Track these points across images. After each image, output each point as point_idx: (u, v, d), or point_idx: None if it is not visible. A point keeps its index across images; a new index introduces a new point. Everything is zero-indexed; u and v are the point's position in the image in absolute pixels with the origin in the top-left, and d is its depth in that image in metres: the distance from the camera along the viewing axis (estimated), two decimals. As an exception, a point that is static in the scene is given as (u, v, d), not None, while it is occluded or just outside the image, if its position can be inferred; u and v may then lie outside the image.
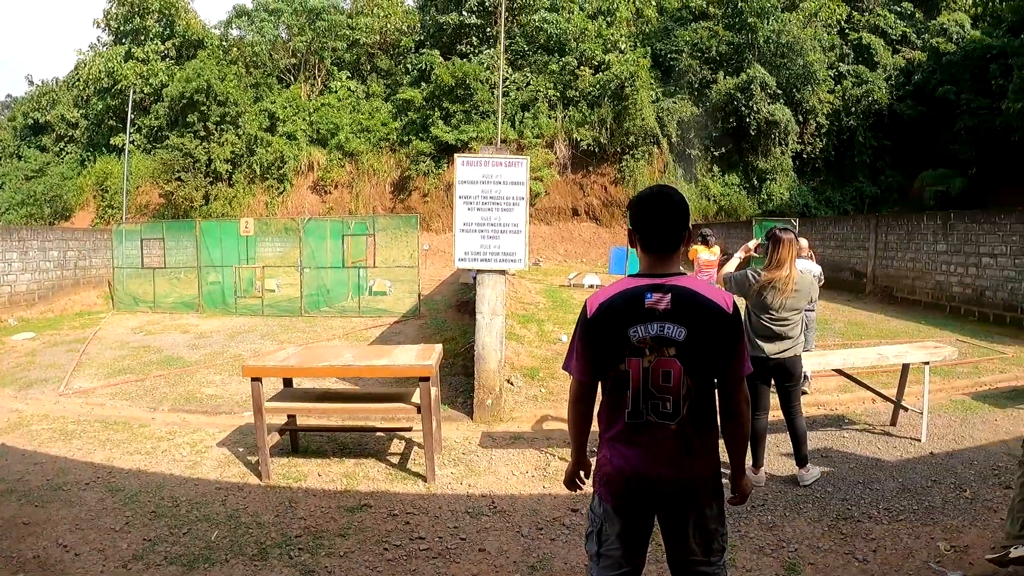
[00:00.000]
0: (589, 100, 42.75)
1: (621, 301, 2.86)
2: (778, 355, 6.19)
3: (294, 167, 43.07)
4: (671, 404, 2.82)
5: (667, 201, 2.94)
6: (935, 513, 5.94)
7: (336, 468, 6.79)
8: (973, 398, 10.10)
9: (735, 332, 2.88)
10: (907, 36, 48.81)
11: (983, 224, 19.19)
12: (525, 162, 8.36)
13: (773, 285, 6.05)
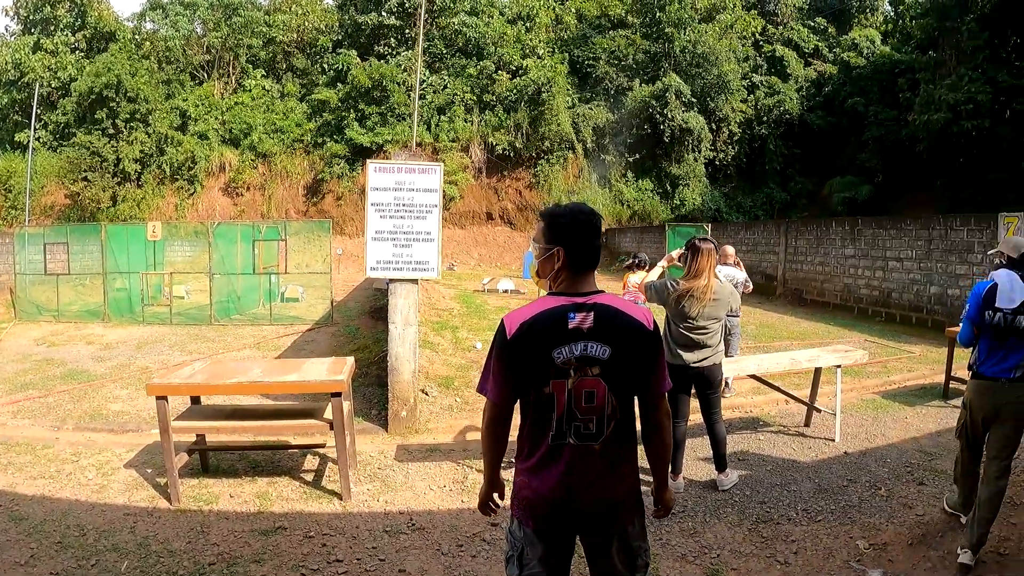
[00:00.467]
0: (506, 105, 42.75)
1: (544, 321, 2.78)
2: (697, 363, 6.23)
3: (205, 168, 41.73)
4: (595, 424, 2.78)
5: (591, 220, 2.91)
6: (852, 512, 6.04)
7: (249, 488, 6.51)
8: (883, 397, 10.43)
9: (656, 349, 2.87)
10: (819, 50, 50.51)
11: (890, 230, 20.05)
12: (439, 169, 8.26)
13: (691, 294, 6.07)
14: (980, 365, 5.30)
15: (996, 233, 16.24)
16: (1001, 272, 5.37)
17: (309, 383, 6.23)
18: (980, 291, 5.33)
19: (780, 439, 8.13)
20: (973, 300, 5.38)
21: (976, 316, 5.32)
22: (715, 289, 6.12)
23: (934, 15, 39.88)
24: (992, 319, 5.19)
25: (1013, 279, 5.25)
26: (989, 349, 5.24)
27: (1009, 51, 38.06)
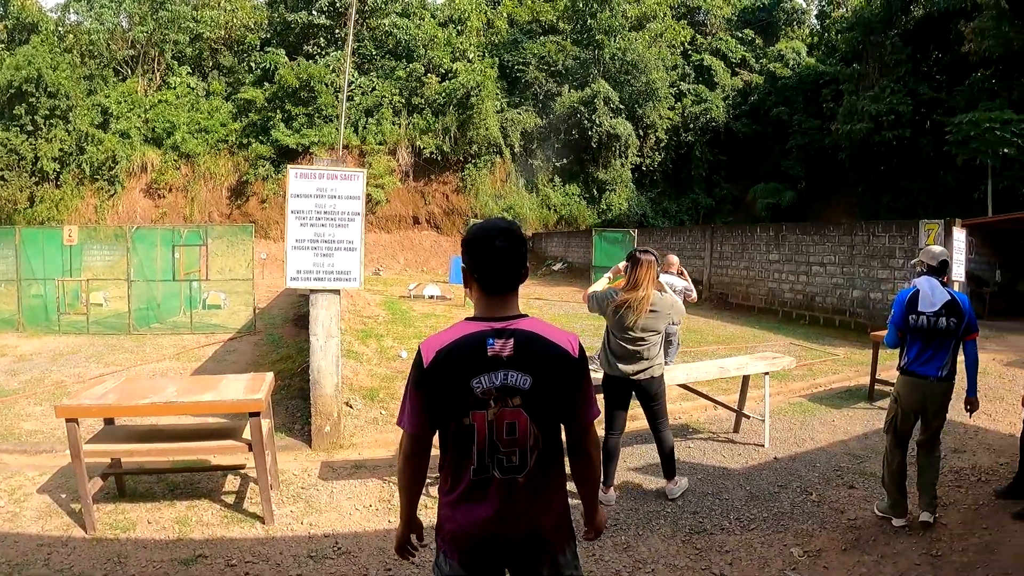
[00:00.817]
0: (434, 108, 42.39)
1: (461, 349, 2.61)
2: (637, 375, 6.21)
3: (126, 168, 39.79)
4: (518, 457, 2.62)
5: (508, 237, 2.67)
6: (785, 519, 6.05)
7: (168, 513, 6.09)
8: (810, 400, 10.57)
9: (581, 376, 2.70)
10: (746, 60, 51.70)
11: (813, 235, 20.49)
12: (362, 175, 7.99)
13: (629, 305, 6.03)
14: (911, 364, 5.84)
15: (917, 239, 16.78)
16: (922, 279, 5.94)
17: (225, 402, 5.90)
18: (903, 298, 5.90)
19: (710, 446, 8.14)
20: (897, 306, 5.92)
21: (901, 321, 5.87)
22: (654, 301, 6.11)
23: (859, 29, 40.92)
24: (916, 322, 5.76)
25: (933, 285, 5.83)
26: (919, 350, 5.79)
27: (930, 65, 39.22)
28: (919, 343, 5.78)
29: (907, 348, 5.89)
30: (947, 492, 6.68)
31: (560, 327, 2.78)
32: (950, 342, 5.77)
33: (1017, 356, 14.16)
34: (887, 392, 10.01)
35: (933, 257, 6.00)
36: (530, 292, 26.70)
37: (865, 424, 9.23)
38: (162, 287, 18.94)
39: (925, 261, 6.07)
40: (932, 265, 5.97)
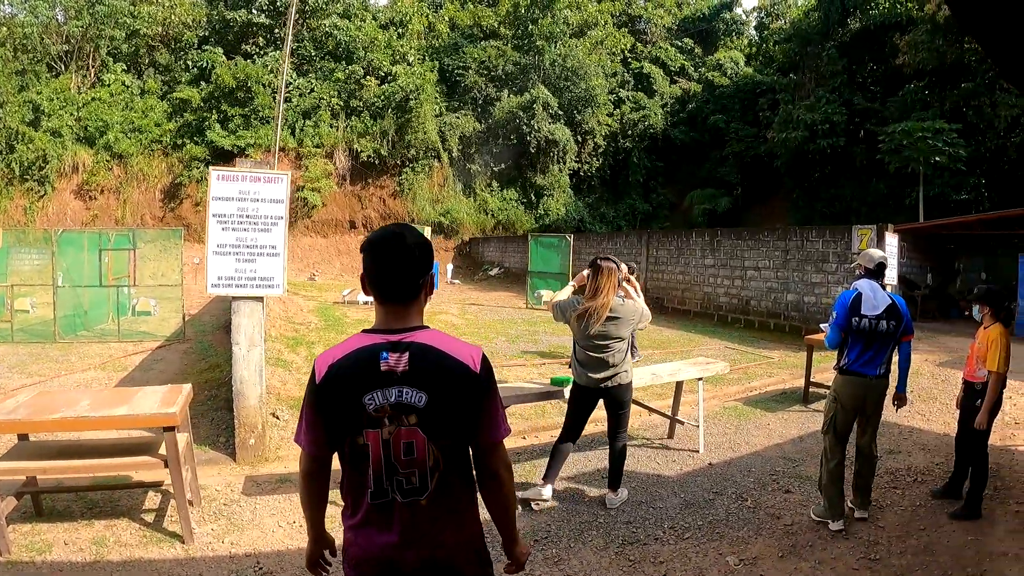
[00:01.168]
0: (372, 111, 42.03)
1: (353, 364, 2.45)
2: (603, 383, 6.24)
3: (57, 168, 38.36)
4: (418, 479, 2.46)
5: (400, 244, 2.51)
6: (720, 526, 5.98)
7: (85, 533, 5.73)
8: (745, 404, 10.60)
9: (483, 393, 2.51)
10: (685, 68, 52.32)
11: (748, 241, 20.82)
12: (285, 178, 7.72)
13: (590, 313, 6.07)
14: (852, 364, 5.94)
15: (850, 244, 17.14)
16: (863, 282, 6.08)
17: (138, 417, 5.61)
18: (846, 300, 5.98)
19: (644, 453, 8.06)
20: (840, 308, 6.00)
21: (844, 323, 5.95)
22: (614, 307, 6.15)
23: (797, 40, 42.37)
24: (859, 324, 5.87)
25: (874, 288, 5.99)
26: (860, 351, 5.91)
27: (865, 76, 40.32)
28: (860, 344, 5.91)
29: (848, 349, 6.00)
30: (883, 494, 6.76)
31: (463, 339, 2.64)
32: (889, 343, 5.94)
33: (949, 356, 14.39)
34: (821, 394, 10.13)
35: (871, 260, 6.15)
36: (466, 297, 26.67)
37: (800, 427, 9.31)
38: (90, 293, 18.07)
39: (864, 264, 6.21)
40: (870, 268, 6.11)
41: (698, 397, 8.36)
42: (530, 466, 7.47)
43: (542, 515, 6.16)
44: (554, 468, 6.46)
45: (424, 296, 2.61)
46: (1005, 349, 6.16)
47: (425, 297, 2.63)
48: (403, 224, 2.68)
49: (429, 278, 2.61)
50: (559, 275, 23.78)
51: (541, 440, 8.46)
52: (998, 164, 31.61)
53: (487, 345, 15.05)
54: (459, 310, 21.92)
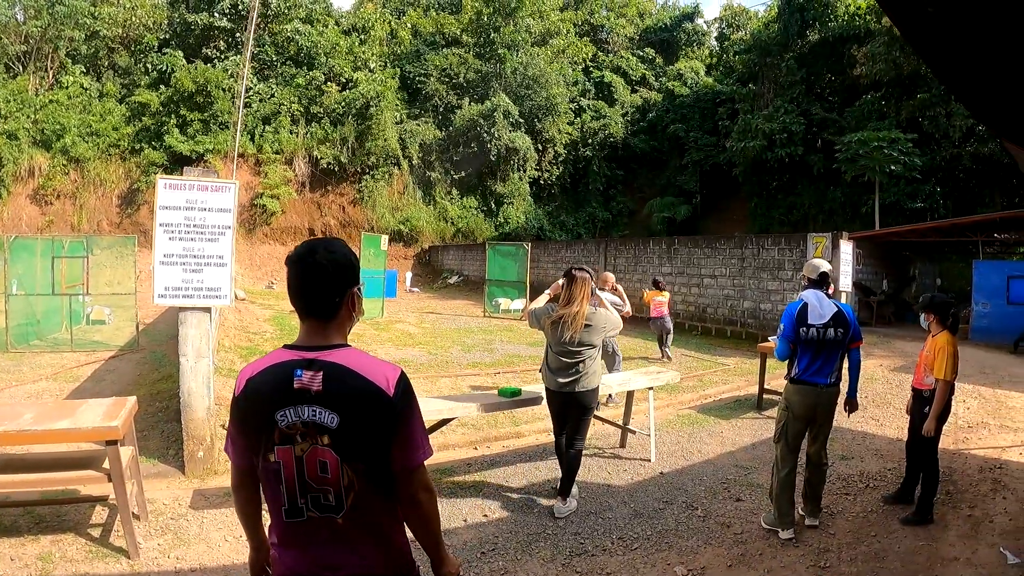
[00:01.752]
0: (333, 117, 41.82)
1: (268, 379, 2.40)
2: (570, 387, 6.36)
3: (13, 172, 37.50)
4: (333, 497, 2.37)
5: (312, 260, 2.44)
6: (669, 536, 5.94)
7: (31, 549, 5.57)
8: (699, 411, 10.64)
9: (399, 416, 2.39)
10: (646, 78, 52.81)
11: (705, 248, 21.06)
12: (233, 187, 7.57)
13: (564, 320, 6.27)
14: (802, 374, 6.01)
15: (805, 252, 17.38)
16: (808, 292, 6.17)
17: (80, 431, 5.44)
18: (793, 311, 6.06)
19: (595, 462, 8.00)
20: (787, 320, 6.08)
21: (792, 334, 6.02)
22: (588, 316, 6.34)
23: (756, 51, 42.46)
24: (807, 334, 5.94)
25: (820, 297, 6.06)
26: (809, 360, 5.97)
27: (823, 87, 40.79)
28: (809, 354, 5.96)
29: (798, 359, 6.06)
30: (835, 500, 6.78)
31: (382, 359, 2.53)
32: (838, 351, 6.01)
33: (903, 361, 14.50)
34: (775, 401, 10.14)
35: (815, 270, 6.26)
36: (424, 306, 26.52)
37: (753, 434, 9.33)
38: (43, 302, 17.57)
39: (807, 275, 6.34)
40: (812, 278, 6.23)
41: (649, 410, 8.37)
42: (480, 477, 7.39)
43: (490, 526, 6.09)
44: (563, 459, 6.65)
45: (347, 313, 2.54)
46: (952, 357, 6.21)
47: (349, 314, 2.55)
48: (325, 239, 2.61)
49: (351, 295, 2.53)
50: (517, 283, 23.84)
51: (493, 450, 8.39)
52: (953, 173, 32.19)
53: (441, 354, 15.02)
54: (416, 319, 21.81)
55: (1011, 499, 6.90)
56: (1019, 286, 18.27)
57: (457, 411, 6.90)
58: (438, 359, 14.42)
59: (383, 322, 20.07)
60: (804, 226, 34.61)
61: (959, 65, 2.26)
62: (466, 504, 6.49)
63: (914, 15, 1.95)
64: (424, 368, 13.14)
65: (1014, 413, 10.71)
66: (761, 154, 36.83)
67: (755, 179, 39.59)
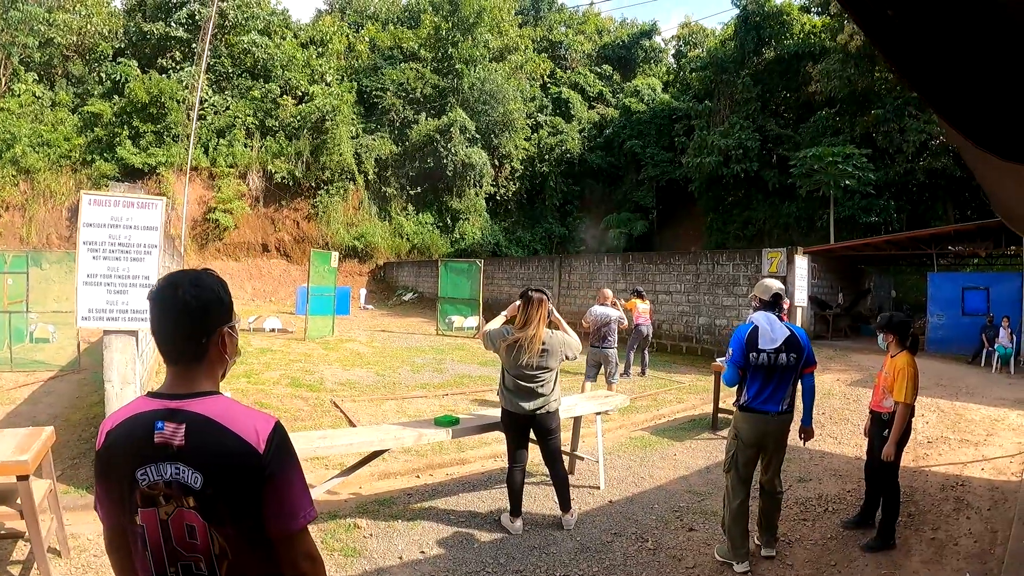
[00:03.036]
0: (288, 131, 41.23)
1: (127, 433, 2.05)
2: (531, 411, 6.21)
3: None
4: (205, 566, 2.03)
5: (172, 297, 2.08)
6: (617, 572, 5.60)
7: None
8: (653, 432, 10.34)
9: (269, 476, 2.03)
10: (603, 94, 53.36)
11: (659, 264, 21.04)
12: (160, 204, 7.20)
13: (519, 344, 6.08)
14: (751, 401, 5.64)
15: (760, 267, 17.38)
16: (759, 315, 5.79)
17: None
18: (742, 336, 5.68)
19: (541, 491, 7.50)
20: (736, 344, 5.71)
21: (740, 359, 5.65)
22: (544, 339, 6.16)
23: (713, 68, 43.10)
24: (757, 360, 5.58)
25: (771, 320, 5.70)
26: (759, 387, 5.61)
27: (778, 103, 41.46)
28: (760, 380, 5.62)
29: (747, 385, 5.70)
30: (793, 527, 6.55)
31: (255, 408, 2.17)
32: (790, 376, 5.67)
33: (860, 375, 14.47)
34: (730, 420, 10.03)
35: (767, 291, 5.92)
36: (376, 324, 26.16)
37: (708, 456, 9.11)
38: None
39: (759, 295, 5.97)
40: (765, 299, 5.89)
41: (597, 435, 8.03)
42: (420, 507, 6.90)
43: (426, 564, 5.69)
44: (514, 499, 6.44)
45: (217, 355, 2.19)
46: (912, 379, 6.01)
47: (220, 356, 2.21)
48: (192, 272, 2.22)
49: (221, 335, 2.18)
50: (470, 301, 23.65)
51: (436, 479, 7.98)
52: (906, 187, 32.84)
53: (390, 375, 14.57)
54: (367, 337, 21.39)
55: (975, 519, 6.73)
56: (973, 297, 18.53)
57: (388, 443, 6.45)
58: (385, 380, 13.97)
59: (332, 341, 19.66)
60: (760, 241, 35.10)
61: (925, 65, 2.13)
62: (403, 539, 6.10)
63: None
64: (370, 390, 12.76)
65: (973, 426, 10.67)
66: (717, 170, 37.39)
67: (711, 194, 40.07)
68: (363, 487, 7.46)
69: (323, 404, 10.99)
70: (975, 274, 22.57)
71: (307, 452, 5.90)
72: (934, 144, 31.46)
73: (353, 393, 12.13)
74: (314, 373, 13.94)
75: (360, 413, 10.45)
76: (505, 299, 28.99)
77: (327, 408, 10.75)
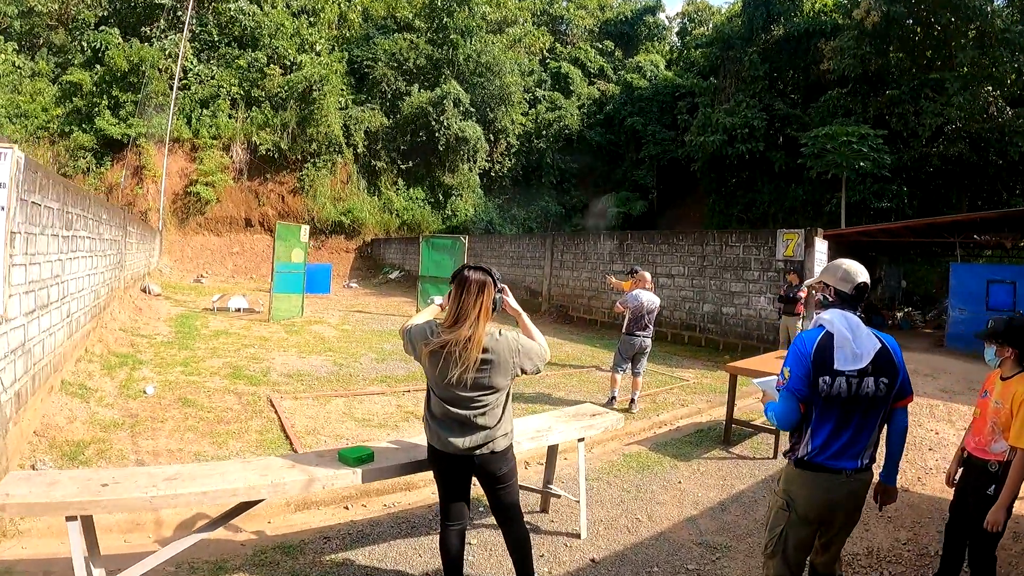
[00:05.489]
0: (274, 102, 39.58)
1: None
2: (468, 451, 4.08)
3: None
4: None
5: None
6: None
7: None
8: (651, 448, 8.39)
9: None
10: (604, 70, 52.43)
11: (661, 245, 19.52)
12: (10, 154, 5.24)
13: (448, 350, 3.95)
14: (817, 455, 3.59)
15: (775, 250, 15.94)
16: (834, 315, 3.65)
17: None
18: (808, 349, 3.60)
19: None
20: (798, 362, 3.61)
21: (805, 388, 3.56)
22: (487, 344, 4.02)
23: (719, 44, 42.37)
24: (832, 388, 3.50)
25: (854, 325, 3.59)
26: (832, 431, 3.56)
27: (786, 82, 40.26)
28: (833, 419, 3.57)
29: (812, 428, 3.63)
30: None
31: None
32: (879, 413, 3.64)
33: None
34: (747, 433, 8.29)
35: (847, 278, 3.76)
36: (355, 303, 24.70)
37: (722, 483, 7.21)
38: None
39: (831, 284, 3.81)
40: (845, 292, 3.75)
41: (579, 468, 5.90)
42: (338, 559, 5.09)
43: None
44: (450, 572, 4.33)
45: None
46: None
47: None
48: None
49: None
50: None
51: (370, 512, 6.07)
52: (920, 173, 31.53)
53: (349, 365, 12.65)
54: (340, 319, 19.74)
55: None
56: (999, 291, 17.12)
57: (263, 492, 4.13)
58: (342, 371, 12.06)
59: (300, 323, 17.94)
60: (763, 224, 34.42)
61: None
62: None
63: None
64: (320, 383, 10.84)
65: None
66: (721, 149, 36.29)
67: (713, 175, 39.10)
68: (272, 521, 5.71)
69: (258, 402, 9.19)
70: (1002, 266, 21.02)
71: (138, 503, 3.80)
72: (950, 129, 30.18)
73: (298, 388, 10.33)
74: (263, 361, 12.10)
75: (298, 415, 8.73)
76: (494, 279, 27.74)
77: (261, 408, 8.95)
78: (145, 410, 8.39)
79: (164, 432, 7.63)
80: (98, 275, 11.94)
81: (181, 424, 7.98)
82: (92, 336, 11.23)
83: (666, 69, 50.49)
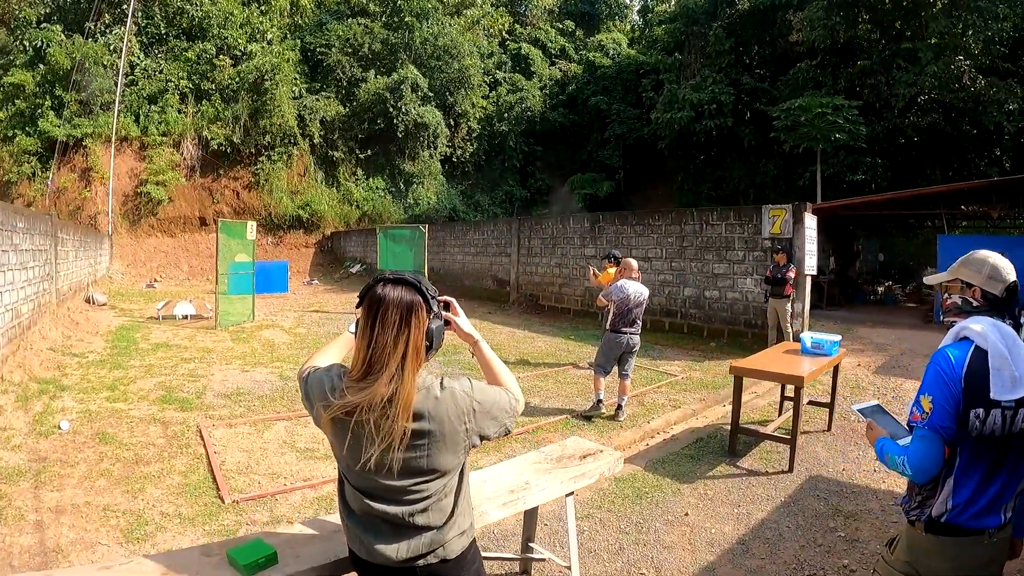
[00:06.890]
0: (225, 94, 38.09)
1: None
2: (405, 563, 2.47)
3: None
4: None
5: None
6: None
7: None
8: (646, 468, 7.06)
9: None
10: (565, 50, 51.94)
11: (635, 226, 18.43)
12: None
13: (357, 419, 2.36)
14: (959, 512, 2.65)
15: (760, 228, 14.89)
16: (984, 325, 2.66)
17: None
18: (957, 372, 2.62)
19: None
20: (945, 388, 2.63)
21: (954, 424, 2.62)
22: (420, 407, 2.40)
23: (683, 20, 41.50)
24: (984, 425, 2.58)
25: (1009, 340, 2.60)
26: (980, 480, 2.63)
27: (753, 56, 39.52)
28: (984, 465, 2.65)
29: (956, 478, 2.67)
30: None
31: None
32: None
33: (883, 357, 12.00)
34: (754, 442, 7.29)
35: (995, 275, 2.80)
36: (314, 302, 23.52)
37: (737, 514, 5.92)
38: None
39: (977, 284, 2.83)
40: (994, 295, 2.79)
41: (569, 528, 4.43)
42: None
43: None
44: None
45: None
46: None
47: None
48: None
49: None
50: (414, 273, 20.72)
51: None
52: (893, 144, 30.95)
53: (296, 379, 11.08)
54: (295, 320, 18.40)
55: None
56: (991, 265, 16.31)
57: None
58: (289, 386, 10.40)
59: (249, 329, 16.57)
60: (735, 201, 33.90)
61: None
62: None
63: None
64: (261, 404, 9.33)
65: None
66: (688, 126, 35.54)
67: (681, 153, 38.46)
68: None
69: (186, 434, 7.76)
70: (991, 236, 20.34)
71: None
72: (923, 99, 29.62)
73: (235, 411, 8.82)
74: (200, 379, 10.59)
75: (230, 448, 7.32)
76: (458, 270, 26.48)
77: (188, 440, 7.51)
78: (56, 451, 7.06)
79: (73, 480, 6.29)
80: (16, 291, 10.71)
81: (94, 468, 6.63)
82: (11, 361, 9.95)
83: (629, 47, 49.86)
